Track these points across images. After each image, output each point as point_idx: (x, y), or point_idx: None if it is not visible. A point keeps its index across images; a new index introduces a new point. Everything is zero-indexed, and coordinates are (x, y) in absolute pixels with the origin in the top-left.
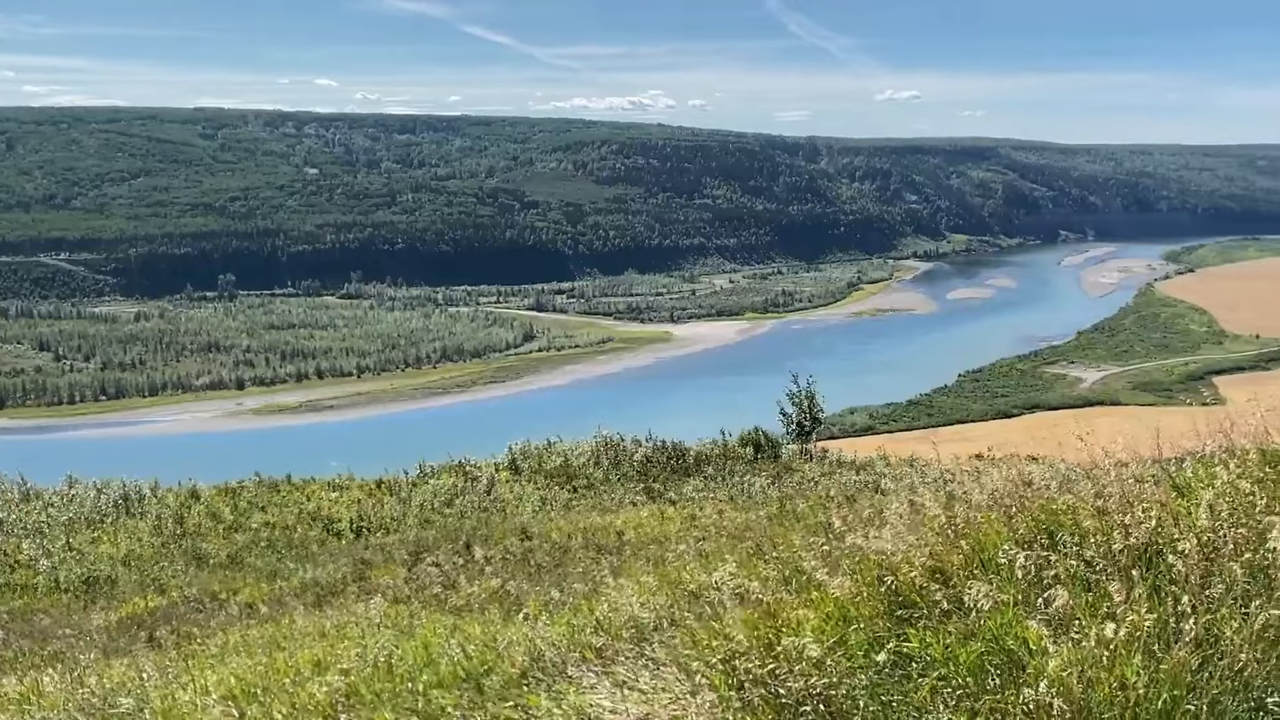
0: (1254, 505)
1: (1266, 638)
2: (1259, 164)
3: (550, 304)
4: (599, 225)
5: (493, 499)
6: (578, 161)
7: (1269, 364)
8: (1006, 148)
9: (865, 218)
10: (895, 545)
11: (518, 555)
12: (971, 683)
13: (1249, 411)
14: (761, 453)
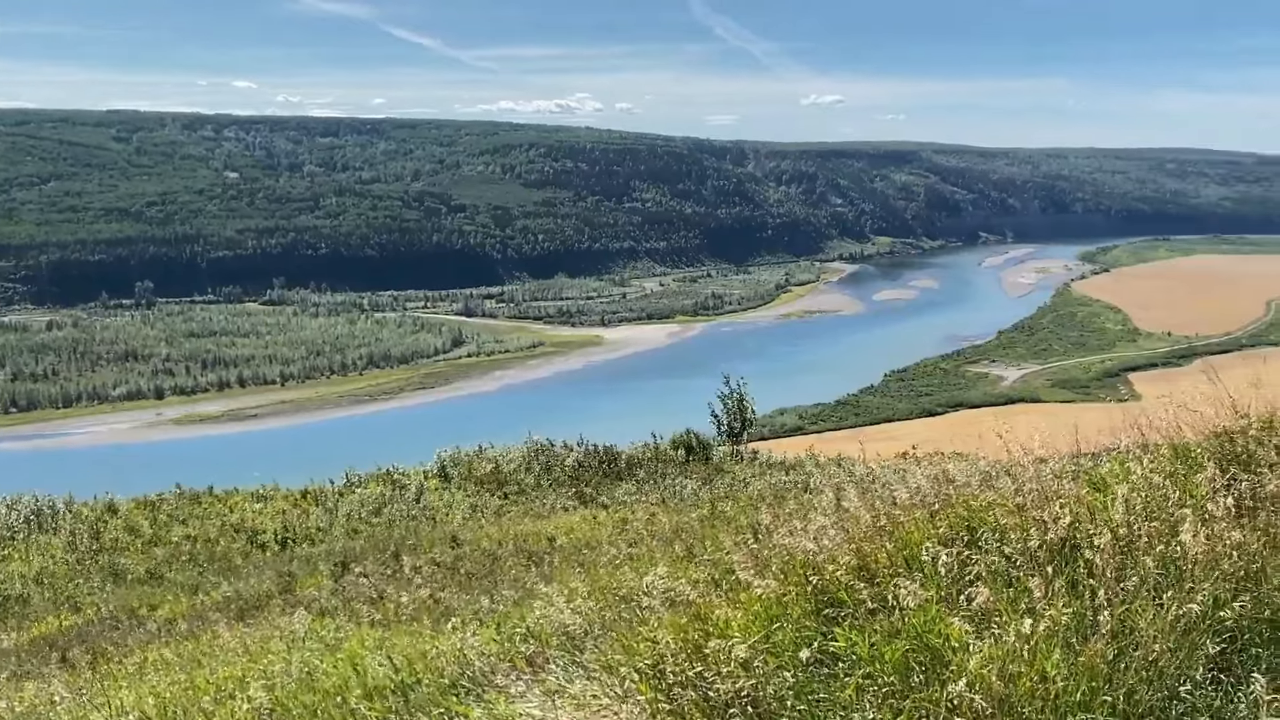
0: (1166, 499)
1: (1179, 628)
2: (1168, 167)
3: (479, 309)
4: (528, 229)
5: (422, 507)
6: (505, 164)
7: (1180, 360)
8: (928, 151)
9: (792, 221)
10: (821, 544)
11: (447, 564)
12: (896, 680)
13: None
14: (693, 455)
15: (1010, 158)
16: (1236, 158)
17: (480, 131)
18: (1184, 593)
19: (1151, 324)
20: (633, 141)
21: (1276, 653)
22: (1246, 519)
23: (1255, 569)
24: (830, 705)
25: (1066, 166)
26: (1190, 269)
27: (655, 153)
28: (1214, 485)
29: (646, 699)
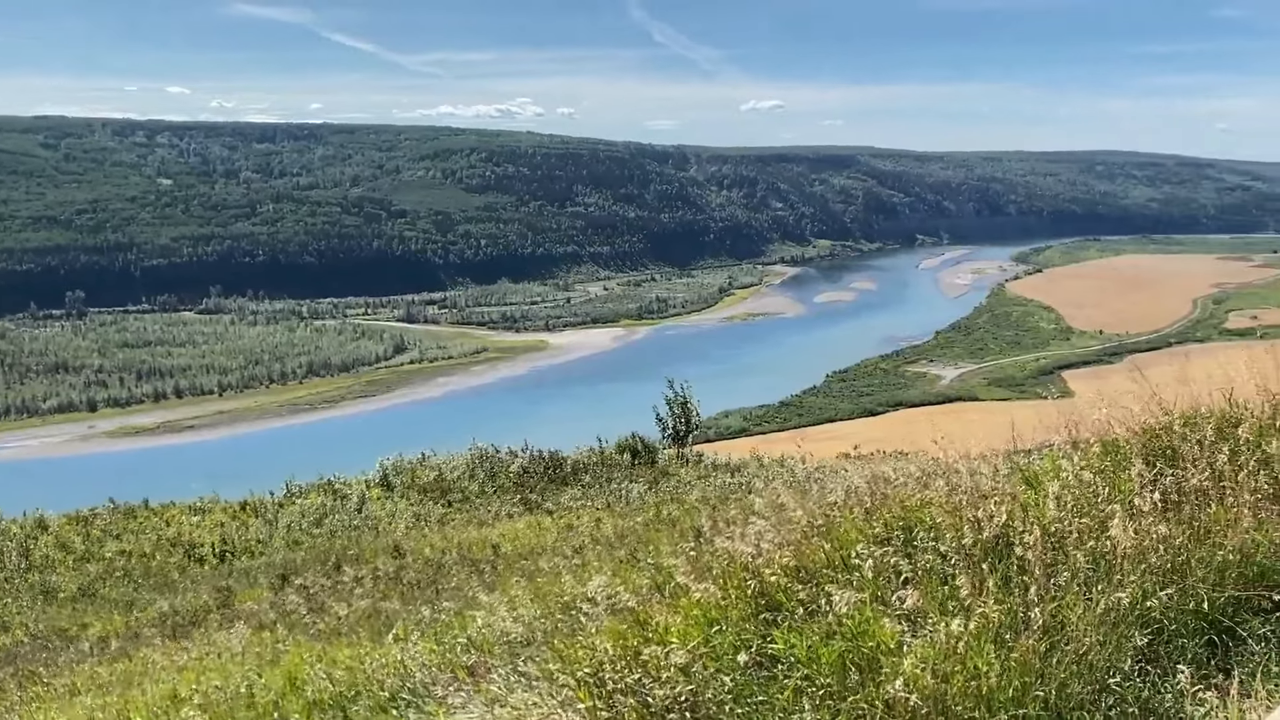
0: (1096, 495)
1: (1108, 621)
2: (1098, 169)
3: (421, 315)
4: (470, 234)
5: (364, 517)
6: (446, 169)
7: (1112, 358)
8: (865, 156)
9: (734, 224)
10: (760, 547)
11: (390, 574)
12: (834, 682)
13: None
14: (638, 459)
15: (945, 161)
16: (1160, 159)
17: (420, 136)
18: (1113, 586)
19: (1084, 322)
20: (575, 146)
21: (1201, 643)
22: (1172, 513)
23: (1181, 562)
24: (769, 708)
25: (1000, 169)
26: (1120, 268)
27: (597, 157)
28: (1141, 481)
29: (586, 707)
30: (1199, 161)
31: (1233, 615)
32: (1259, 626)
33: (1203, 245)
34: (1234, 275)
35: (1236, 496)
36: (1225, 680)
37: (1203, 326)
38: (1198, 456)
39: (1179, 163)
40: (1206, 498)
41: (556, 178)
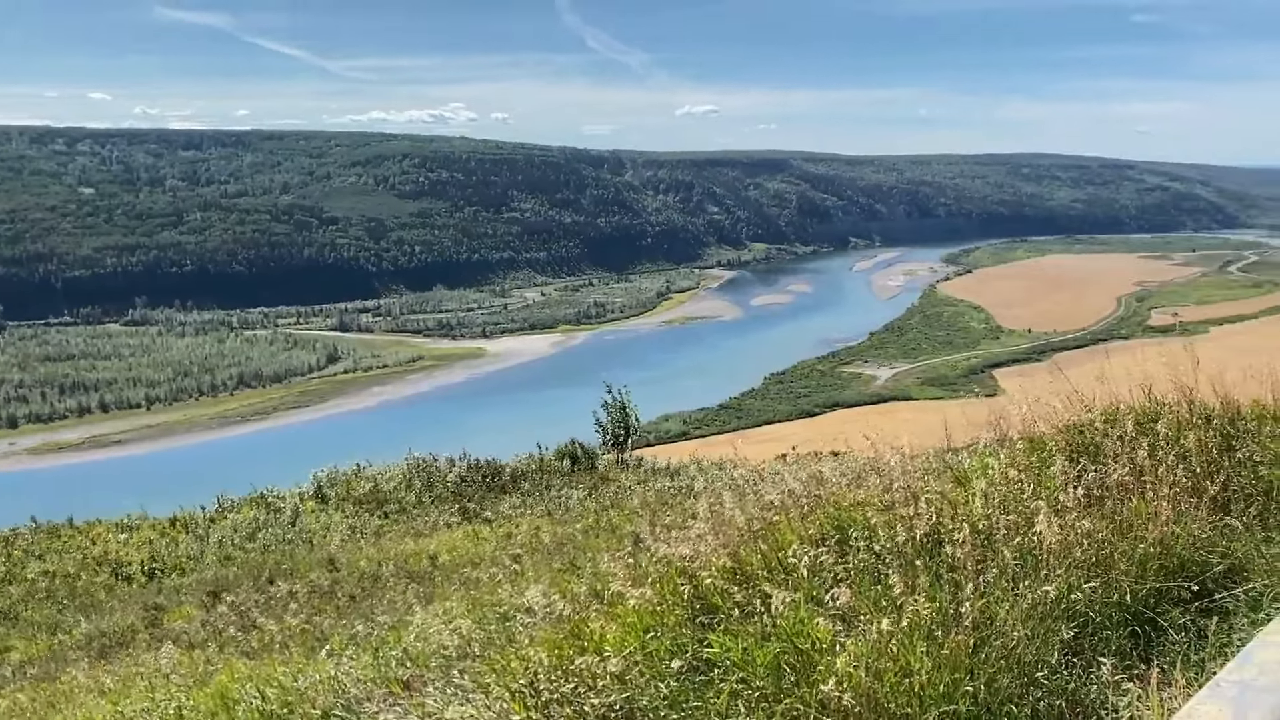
0: (1022, 492)
1: (1035, 616)
2: (1023, 172)
3: (355, 323)
4: (404, 240)
5: (298, 530)
6: (378, 175)
7: (1040, 356)
8: (799, 160)
9: (671, 229)
10: (697, 551)
11: (324, 588)
12: (769, 683)
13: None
14: (578, 465)
15: (876, 165)
16: (1084, 162)
17: (351, 142)
18: (1039, 581)
19: (1013, 321)
20: (509, 151)
21: (1125, 634)
22: (1095, 508)
23: (1104, 555)
24: (704, 713)
25: (929, 172)
26: (1046, 268)
27: (533, 162)
28: (1065, 477)
29: (520, 719)
30: (1120, 163)
31: (1154, 606)
32: (1179, 617)
33: (1125, 245)
34: (1155, 274)
35: (1156, 490)
36: (1147, 670)
37: (1127, 324)
38: (1119, 452)
39: (1102, 165)
40: (1128, 492)
41: (491, 183)
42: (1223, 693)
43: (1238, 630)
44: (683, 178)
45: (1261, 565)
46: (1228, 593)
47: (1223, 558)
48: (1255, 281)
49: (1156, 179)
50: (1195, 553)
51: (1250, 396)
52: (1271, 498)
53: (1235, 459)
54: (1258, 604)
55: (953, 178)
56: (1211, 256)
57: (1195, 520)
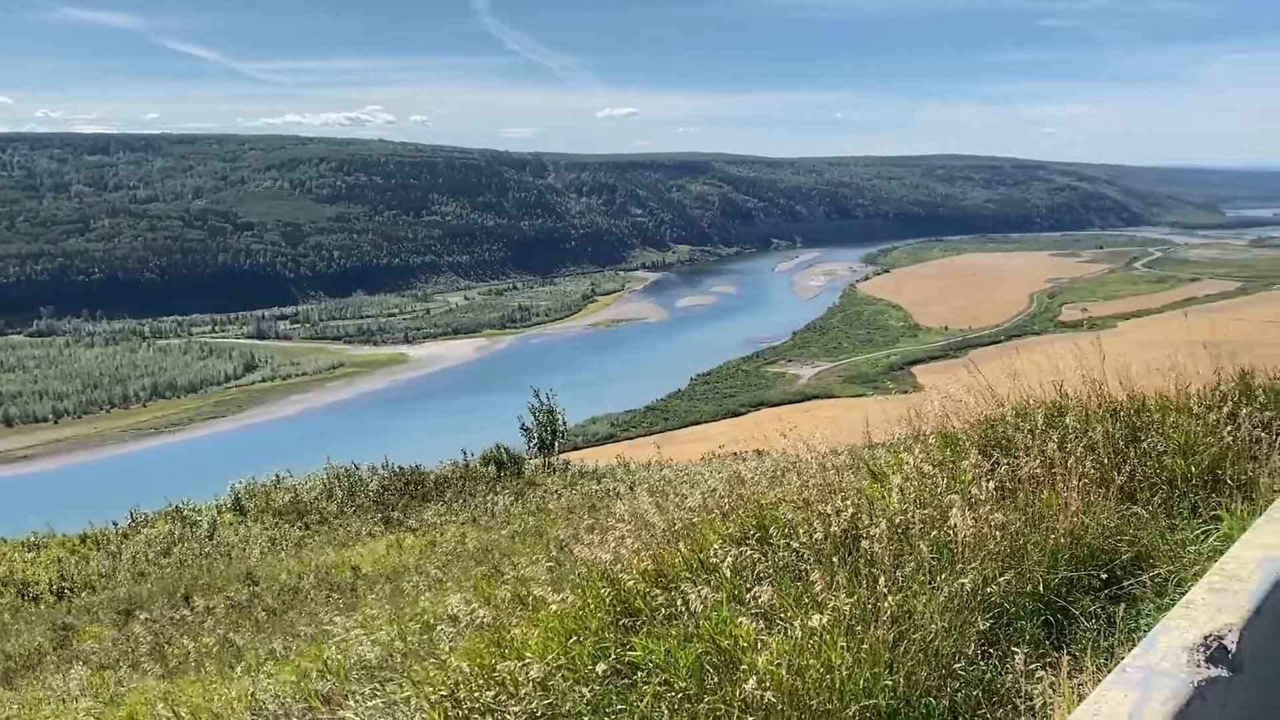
0: (936, 486)
1: (951, 609)
2: (938, 173)
3: (273, 330)
4: (322, 245)
5: (215, 544)
6: (294, 180)
7: (957, 352)
8: (720, 162)
9: (595, 231)
10: (619, 554)
11: (243, 602)
12: (692, 684)
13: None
14: (504, 470)
15: (796, 167)
16: (996, 163)
17: (266, 146)
18: (955, 574)
19: (930, 319)
20: (429, 154)
21: (1038, 624)
22: (1008, 500)
23: (1017, 547)
24: (628, 715)
25: (848, 174)
26: (962, 267)
27: (453, 165)
28: (978, 470)
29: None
30: (1031, 164)
31: (1066, 595)
32: (1090, 605)
33: (1036, 243)
34: (1065, 270)
35: (1066, 482)
36: (1060, 658)
37: (1039, 320)
38: (1029, 445)
39: (1013, 165)
40: (1039, 484)
41: (411, 186)
42: (1128, 678)
43: (1145, 616)
44: (605, 180)
45: (1166, 552)
46: (1135, 579)
47: (1130, 546)
48: (1159, 277)
49: (1065, 179)
50: (1104, 541)
51: (1155, 389)
52: (1175, 486)
53: (1140, 450)
54: (1163, 589)
55: (870, 179)
56: (1118, 253)
57: (1104, 510)
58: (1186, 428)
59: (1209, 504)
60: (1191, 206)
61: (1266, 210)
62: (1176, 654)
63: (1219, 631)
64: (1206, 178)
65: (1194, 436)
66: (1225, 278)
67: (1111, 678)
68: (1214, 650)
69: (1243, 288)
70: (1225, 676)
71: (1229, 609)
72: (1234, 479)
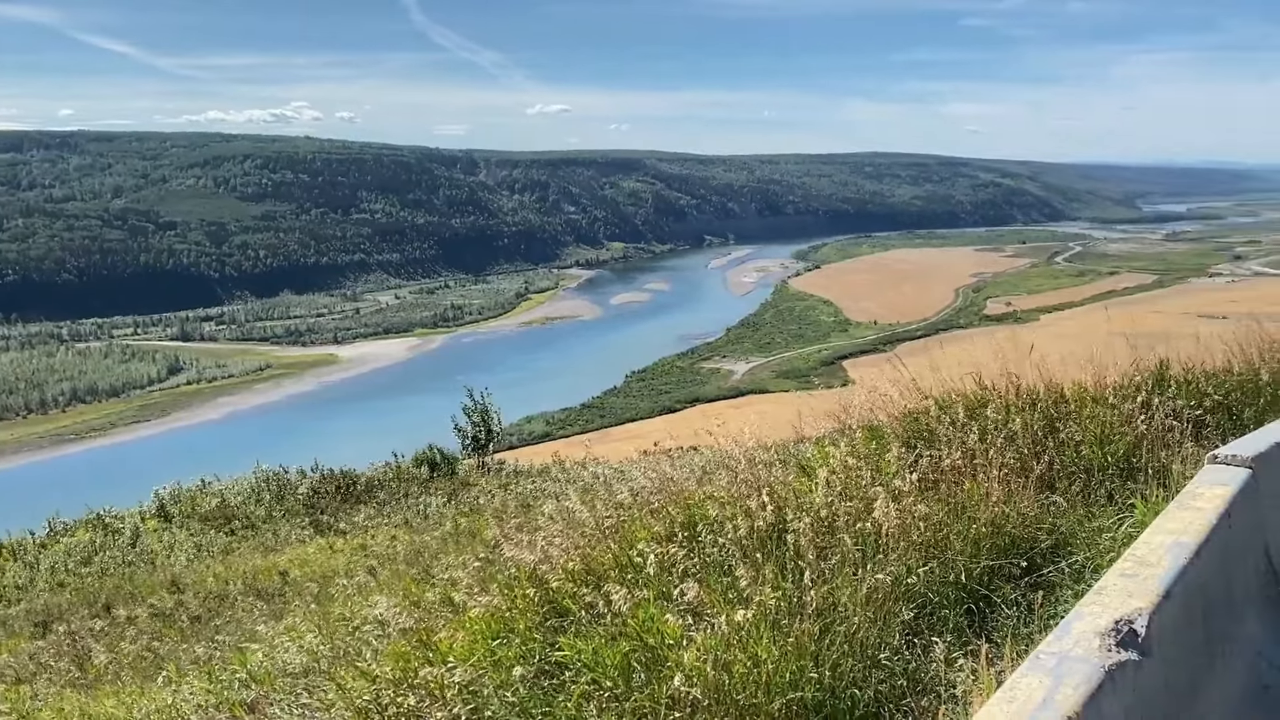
0: (861, 479)
1: (875, 600)
2: (866, 170)
3: (198, 332)
4: (247, 245)
5: (139, 552)
6: (218, 178)
7: (886, 347)
8: (652, 160)
9: (528, 229)
10: (548, 553)
11: (166, 611)
12: (619, 683)
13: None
14: (438, 471)
15: (728, 165)
16: (922, 160)
17: (188, 143)
18: (879, 565)
19: (860, 314)
20: (357, 151)
21: (961, 612)
22: (931, 491)
23: (940, 537)
24: (554, 717)
25: (778, 172)
26: (890, 262)
27: (382, 162)
28: (902, 463)
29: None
30: (955, 161)
31: (988, 584)
32: (1011, 593)
33: (961, 238)
34: (990, 265)
35: (987, 472)
36: (982, 646)
37: (965, 314)
38: (951, 437)
39: (939, 163)
40: (961, 475)
41: (339, 184)
42: (1042, 664)
43: (1063, 602)
44: (538, 177)
45: (1084, 539)
46: (1054, 567)
47: (1049, 534)
48: (1080, 271)
49: (989, 175)
50: (1024, 530)
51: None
52: (1092, 475)
53: (1059, 440)
54: (1080, 576)
55: (800, 177)
56: (1040, 248)
57: (1024, 499)
58: (1103, 418)
59: (1125, 491)
60: (1109, 202)
61: (1180, 205)
62: (1089, 639)
63: (1129, 616)
64: (1122, 174)
65: (1110, 426)
66: (1142, 271)
67: (1026, 665)
68: (1124, 635)
69: (1159, 280)
70: (1135, 660)
71: (1139, 594)
72: (1148, 466)
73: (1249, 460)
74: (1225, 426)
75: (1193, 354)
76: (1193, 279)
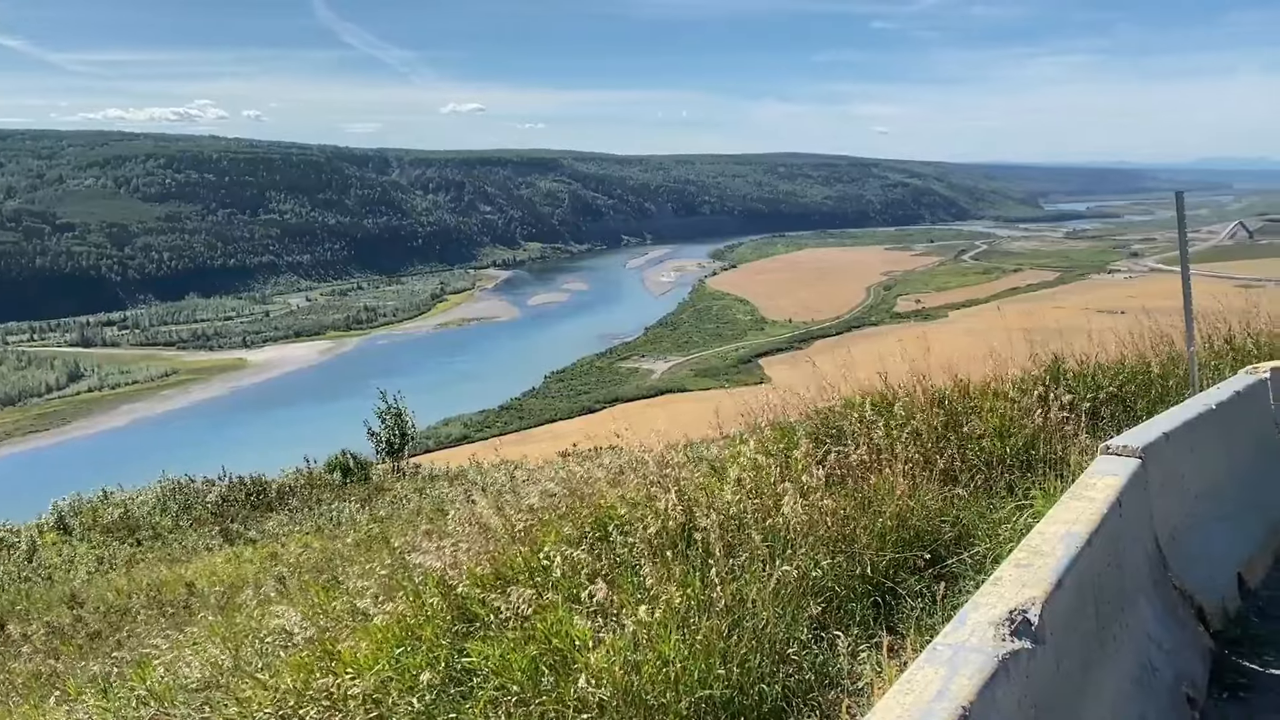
0: (770, 476)
1: (782, 595)
2: (780, 170)
3: (99, 337)
4: (150, 247)
5: (35, 566)
6: (119, 177)
7: (802, 344)
8: (569, 159)
9: (443, 229)
10: (457, 559)
11: (65, 627)
12: (527, 687)
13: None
14: (351, 476)
15: (644, 165)
16: (833, 161)
17: (87, 142)
18: (786, 560)
19: (776, 312)
20: (265, 150)
21: (868, 605)
22: (838, 487)
23: (848, 531)
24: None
25: (693, 172)
26: (804, 261)
27: (291, 162)
28: (809, 459)
29: None
30: (866, 161)
31: (893, 576)
32: (915, 584)
33: (872, 238)
34: (899, 264)
35: (893, 467)
36: (885, 637)
37: (876, 311)
38: (858, 433)
39: (849, 163)
40: (868, 470)
41: (246, 184)
42: (938, 656)
43: (965, 593)
44: (453, 177)
45: (985, 530)
46: (956, 558)
47: (952, 526)
48: (985, 268)
49: (898, 176)
50: (928, 523)
51: (977, 375)
52: (993, 468)
53: (962, 434)
54: (982, 566)
55: (715, 177)
56: (947, 247)
57: (928, 492)
58: (1003, 412)
59: (1024, 483)
60: (1012, 201)
61: (1079, 204)
62: (984, 629)
63: (1023, 605)
64: (1025, 174)
65: (1010, 420)
66: (1044, 268)
67: (924, 656)
68: (1018, 624)
69: (1060, 277)
70: (1028, 648)
71: (1033, 583)
72: (1046, 458)
73: (1139, 450)
74: (1120, 417)
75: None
76: (1093, 275)
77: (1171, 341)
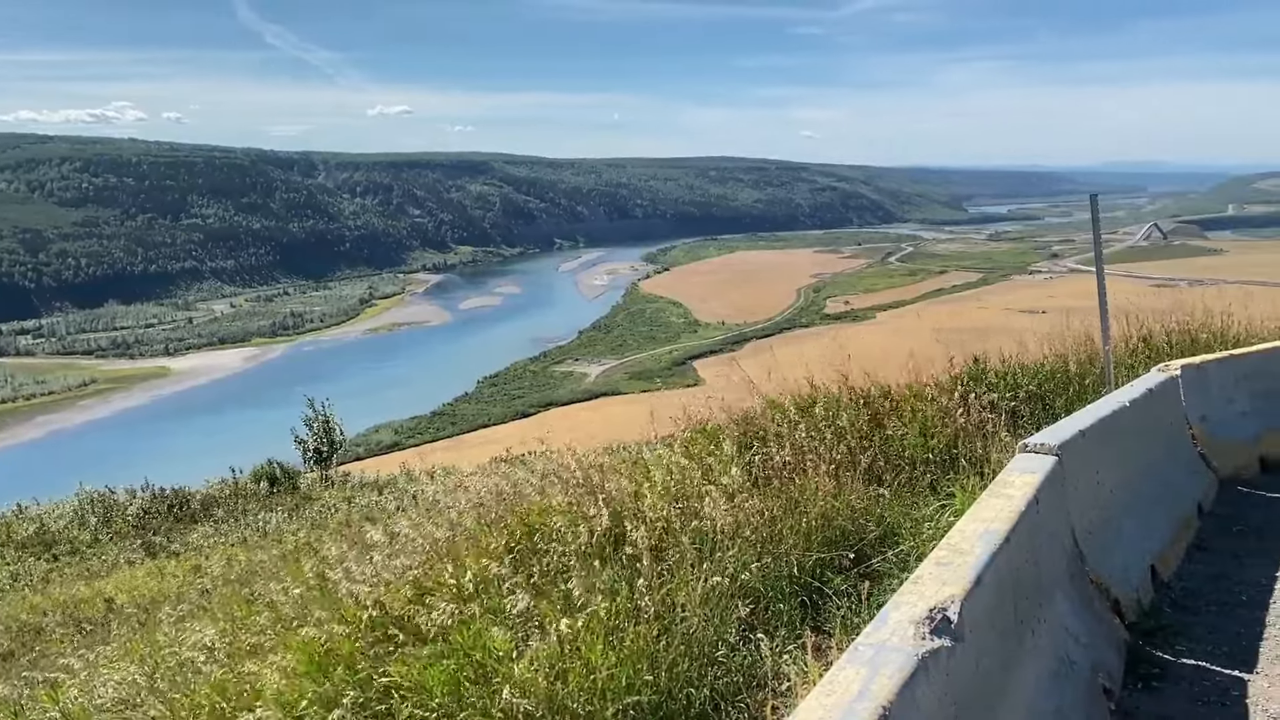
0: (693, 480)
1: (711, 599)
2: (710, 174)
3: (13, 347)
4: (67, 253)
5: None
6: (32, 181)
7: (734, 346)
8: (500, 162)
9: (371, 233)
10: (380, 574)
11: None
12: (449, 702)
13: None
14: (278, 486)
15: (576, 168)
16: (763, 165)
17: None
18: (714, 564)
19: (708, 315)
20: (187, 153)
21: (795, 605)
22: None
23: (774, 532)
24: None
25: (626, 175)
26: (735, 264)
27: (214, 165)
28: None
29: None
30: (795, 165)
31: (820, 576)
32: (841, 584)
33: (801, 240)
34: (829, 266)
35: (817, 468)
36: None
37: (806, 313)
38: (783, 434)
39: (779, 167)
40: (793, 471)
41: (167, 188)
42: (860, 655)
43: (890, 591)
44: (381, 180)
45: (909, 529)
46: (881, 557)
47: (877, 525)
48: (912, 270)
49: (826, 179)
50: (853, 522)
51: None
52: (916, 467)
53: (885, 435)
54: (906, 564)
55: (647, 180)
56: (875, 249)
57: (853, 492)
58: (925, 412)
59: (946, 481)
60: (937, 204)
61: (1002, 207)
62: (905, 628)
63: (943, 603)
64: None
65: (931, 420)
66: (969, 269)
67: (845, 657)
68: (938, 622)
69: (984, 278)
70: (948, 646)
71: (952, 581)
72: (968, 457)
73: (1055, 448)
74: (1039, 416)
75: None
76: (1015, 276)
77: (1090, 340)
